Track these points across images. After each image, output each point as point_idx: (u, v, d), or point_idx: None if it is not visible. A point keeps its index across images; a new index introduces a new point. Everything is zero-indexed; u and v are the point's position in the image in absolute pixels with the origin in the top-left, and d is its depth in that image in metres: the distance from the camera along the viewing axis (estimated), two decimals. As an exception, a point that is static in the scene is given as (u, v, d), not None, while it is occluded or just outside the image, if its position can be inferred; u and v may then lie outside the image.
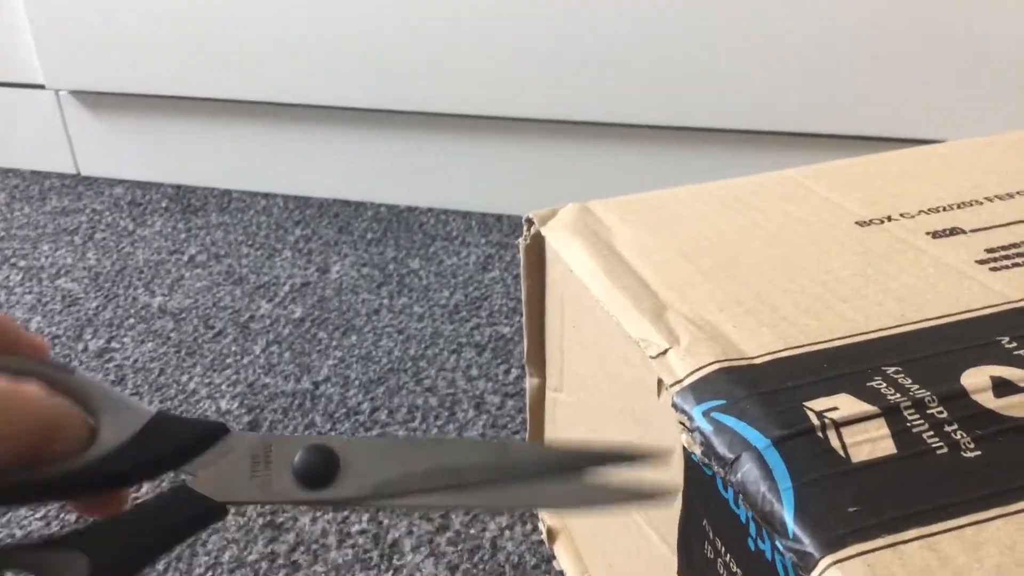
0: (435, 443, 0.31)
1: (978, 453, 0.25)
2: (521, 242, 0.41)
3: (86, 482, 0.24)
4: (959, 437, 0.26)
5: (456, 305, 0.68)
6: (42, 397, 0.22)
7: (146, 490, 0.31)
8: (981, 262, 0.35)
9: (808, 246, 0.36)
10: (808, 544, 0.23)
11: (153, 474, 0.26)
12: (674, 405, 0.29)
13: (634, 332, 0.32)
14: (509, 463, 0.27)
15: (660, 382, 0.30)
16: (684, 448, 0.28)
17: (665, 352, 0.30)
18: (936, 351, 0.29)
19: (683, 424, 0.28)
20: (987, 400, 0.27)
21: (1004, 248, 0.35)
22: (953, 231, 0.37)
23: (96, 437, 0.25)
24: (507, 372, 0.59)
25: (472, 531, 0.47)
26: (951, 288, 0.33)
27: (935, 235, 0.36)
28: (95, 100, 0.89)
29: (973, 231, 0.37)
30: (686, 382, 0.29)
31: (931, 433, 0.26)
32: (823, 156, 0.43)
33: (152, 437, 0.25)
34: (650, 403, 0.31)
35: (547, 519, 0.47)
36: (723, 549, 0.28)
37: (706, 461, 0.27)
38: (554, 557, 0.45)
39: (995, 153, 0.43)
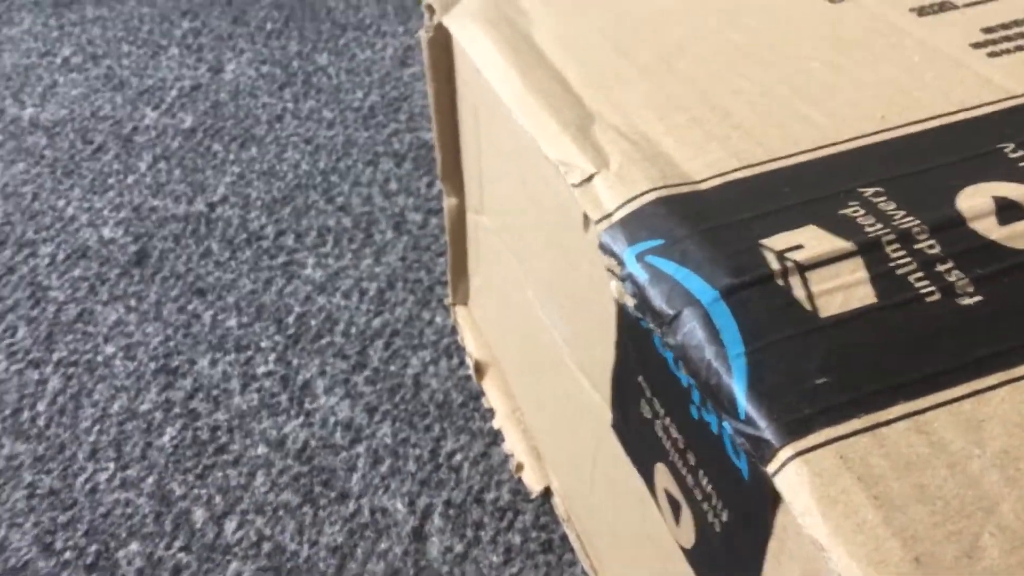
0: None
1: (979, 299, 0.20)
2: (423, 34, 0.34)
3: None
4: (955, 279, 0.20)
5: (371, 108, 0.60)
6: None
7: None
8: (977, 45, 0.28)
9: (769, 29, 0.29)
10: (764, 428, 0.18)
11: None
12: (601, 246, 0.23)
13: (553, 152, 0.25)
14: None
15: (585, 216, 0.24)
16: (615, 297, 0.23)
17: (591, 178, 0.24)
18: (925, 165, 0.24)
19: (611, 271, 0.22)
20: (989, 228, 0.21)
21: (1005, 27, 0.29)
22: (943, 6, 0.30)
23: None
24: (430, 186, 0.53)
25: (392, 368, 0.42)
26: (942, 81, 0.27)
27: (921, 11, 0.30)
28: None
29: (967, 5, 0.30)
30: (616, 216, 0.23)
31: (920, 275, 0.21)
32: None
33: None
34: (576, 238, 0.25)
35: (475, 352, 0.42)
36: (662, 412, 0.23)
37: (640, 316, 0.22)
38: (483, 394, 0.41)
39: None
